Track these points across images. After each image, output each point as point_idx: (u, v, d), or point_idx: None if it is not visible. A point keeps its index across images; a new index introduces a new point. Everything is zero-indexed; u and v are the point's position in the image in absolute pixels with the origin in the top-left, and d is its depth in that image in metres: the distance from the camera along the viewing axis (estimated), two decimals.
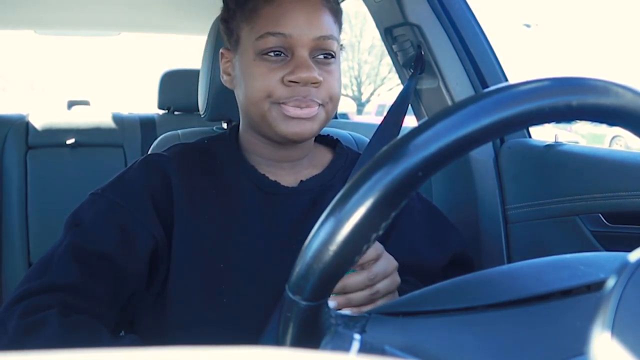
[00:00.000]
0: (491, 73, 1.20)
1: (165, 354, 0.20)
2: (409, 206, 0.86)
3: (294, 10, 0.75)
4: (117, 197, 0.75)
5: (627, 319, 0.30)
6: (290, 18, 0.75)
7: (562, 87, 0.38)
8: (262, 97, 0.76)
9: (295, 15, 0.75)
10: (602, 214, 0.99)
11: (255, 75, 0.76)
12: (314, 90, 0.76)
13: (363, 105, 17.49)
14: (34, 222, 1.84)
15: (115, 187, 0.77)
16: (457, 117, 0.37)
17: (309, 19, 0.75)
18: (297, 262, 0.38)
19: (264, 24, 0.75)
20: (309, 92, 0.75)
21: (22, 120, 1.93)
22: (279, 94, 0.75)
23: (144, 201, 0.75)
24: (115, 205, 0.75)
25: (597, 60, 21.13)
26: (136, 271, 0.73)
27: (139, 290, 0.75)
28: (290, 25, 0.74)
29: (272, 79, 0.75)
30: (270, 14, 0.75)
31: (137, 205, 0.75)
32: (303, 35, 0.75)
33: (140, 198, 0.75)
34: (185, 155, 0.83)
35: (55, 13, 1.85)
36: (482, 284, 0.47)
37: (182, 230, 0.75)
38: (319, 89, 0.76)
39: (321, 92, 0.76)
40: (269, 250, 0.77)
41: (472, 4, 1.21)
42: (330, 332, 0.41)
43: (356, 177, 0.37)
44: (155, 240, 0.74)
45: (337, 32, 0.80)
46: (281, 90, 0.75)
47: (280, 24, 0.75)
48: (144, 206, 0.75)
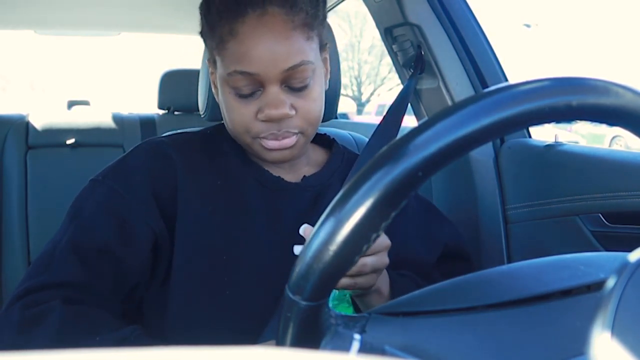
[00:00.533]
0: (491, 73, 1.20)
1: (165, 354, 0.20)
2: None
3: (257, 46, 0.71)
4: (116, 185, 0.75)
5: (627, 319, 0.30)
6: (254, 56, 0.71)
7: (562, 87, 0.38)
8: (242, 131, 0.76)
9: (260, 52, 0.71)
10: (602, 214, 0.99)
11: (233, 109, 0.76)
12: (287, 122, 0.74)
13: (363, 105, 17.49)
14: (34, 222, 1.84)
15: (115, 173, 0.77)
16: (457, 117, 0.37)
17: (273, 54, 0.71)
18: (297, 262, 0.39)
19: (231, 61, 0.73)
20: (282, 126, 0.74)
21: (22, 120, 1.93)
22: (256, 130, 0.75)
23: (144, 190, 0.74)
24: (114, 193, 0.74)
25: (597, 60, 21.13)
26: (137, 263, 0.73)
27: (143, 281, 0.75)
28: (255, 63, 0.71)
29: (247, 116, 0.74)
30: (236, 50, 0.72)
31: (136, 195, 0.74)
32: (270, 72, 0.71)
33: (140, 186, 0.75)
34: (191, 142, 0.82)
35: (55, 13, 1.85)
36: (482, 284, 0.47)
37: (187, 219, 0.75)
38: (294, 119, 0.75)
39: (296, 121, 0.75)
40: (272, 245, 0.76)
41: (472, 4, 1.21)
42: (330, 332, 0.41)
43: (356, 177, 0.37)
44: (154, 232, 0.74)
45: (313, 51, 0.75)
46: (257, 126, 0.74)
47: (245, 62, 0.71)
48: (143, 196, 0.74)
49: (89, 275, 0.69)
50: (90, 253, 0.71)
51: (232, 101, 0.75)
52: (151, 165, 0.77)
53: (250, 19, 0.70)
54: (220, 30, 0.73)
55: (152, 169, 0.77)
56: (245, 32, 0.71)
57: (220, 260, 0.74)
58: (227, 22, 0.72)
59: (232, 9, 0.71)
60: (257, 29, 0.70)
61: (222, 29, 0.72)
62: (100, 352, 0.20)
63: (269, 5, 0.70)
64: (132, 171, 0.76)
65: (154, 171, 0.76)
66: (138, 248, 0.73)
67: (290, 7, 0.71)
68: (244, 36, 0.71)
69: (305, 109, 0.75)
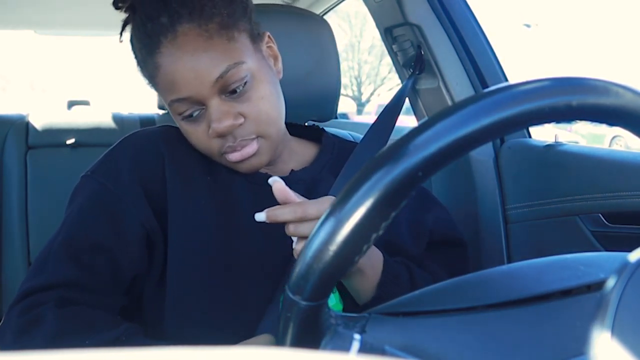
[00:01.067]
0: (491, 73, 1.20)
1: (165, 354, 0.20)
2: None
3: (178, 71, 0.70)
4: (104, 179, 0.75)
5: (627, 319, 0.30)
6: (179, 81, 0.70)
7: (562, 87, 0.38)
8: (205, 151, 0.76)
9: (183, 76, 0.70)
10: (602, 214, 0.99)
11: (188, 133, 0.76)
12: (239, 131, 0.73)
13: (363, 105, 17.48)
14: (34, 222, 1.84)
15: (104, 167, 0.77)
16: (457, 117, 0.37)
17: (196, 72, 0.69)
18: (297, 262, 0.38)
19: (164, 93, 0.73)
20: (237, 136, 0.73)
21: (22, 120, 1.93)
22: (214, 148, 0.74)
23: (132, 183, 0.74)
24: (103, 188, 0.74)
25: (597, 60, 21.13)
26: (130, 256, 0.73)
27: (141, 274, 0.75)
28: (183, 87, 0.70)
29: (201, 136, 0.74)
30: (164, 82, 0.72)
31: (125, 189, 0.74)
32: (200, 90, 0.70)
33: (128, 180, 0.75)
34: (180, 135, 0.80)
35: (55, 13, 1.85)
36: (482, 284, 0.47)
37: (177, 213, 0.75)
38: (246, 125, 0.73)
39: (250, 127, 0.73)
40: (262, 239, 0.76)
41: (472, 4, 1.21)
42: (330, 332, 0.41)
43: (356, 177, 0.37)
44: (144, 226, 0.74)
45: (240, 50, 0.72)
46: (213, 143, 0.74)
47: (175, 89, 0.71)
48: (132, 189, 0.74)
49: (83, 273, 0.70)
50: (83, 250, 0.71)
51: (185, 126, 0.75)
52: (139, 158, 0.77)
53: (165, 47, 0.70)
54: (147, 67, 0.73)
55: (140, 161, 0.76)
56: (165, 61, 0.70)
57: (212, 255, 0.75)
58: (150, 57, 0.71)
59: (148, 44, 0.71)
60: (173, 54, 0.70)
61: (148, 66, 0.73)
62: (100, 352, 0.20)
63: (178, 26, 0.69)
64: (120, 165, 0.76)
65: (142, 164, 0.76)
66: (129, 241, 0.73)
67: (200, 18, 0.70)
68: (165, 66, 0.70)
69: (255, 111, 0.73)
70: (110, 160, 0.77)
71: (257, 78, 0.74)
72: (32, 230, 1.83)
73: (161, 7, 0.70)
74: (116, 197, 0.74)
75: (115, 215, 0.73)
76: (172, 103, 0.73)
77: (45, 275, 0.70)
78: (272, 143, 0.77)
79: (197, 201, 0.76)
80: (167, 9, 0.70)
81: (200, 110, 0.73)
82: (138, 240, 0.74)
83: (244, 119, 0.73)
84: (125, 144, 0.79)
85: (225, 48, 0.71)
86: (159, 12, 0.70)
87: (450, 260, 0.87)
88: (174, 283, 0.74)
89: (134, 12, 0.74)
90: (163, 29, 0.69)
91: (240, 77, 0.71)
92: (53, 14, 1.85)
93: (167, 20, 0.69)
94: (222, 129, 0.71)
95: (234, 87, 0.71)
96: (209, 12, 0.70)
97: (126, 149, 0.78)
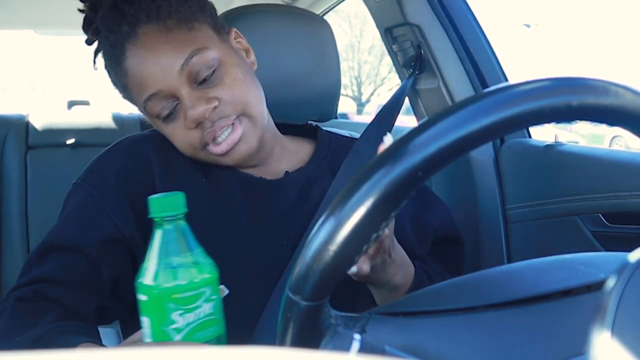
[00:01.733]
0: (491, 73, 1.20)
1: (165, 354, 0.20)
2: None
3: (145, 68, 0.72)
4: (92, 189, 0.77)
5: (627, 319, 0.30)
6: (147, 77, 0.72)
7: (562, 87, 0.38)
8: (190, 150, 0.76)
9: (149, 72, 0.71)
10: (602, 214, 0.99)
11: (170, 135, 0.76)
12: (217, 113, 0.73)
13: (363, 105, 17.48)
14: (34, 222, 1.84)
15: (92, 175, 0.78)
16: (457, 117, 0.37)
17: (160, 65, 0.71)
18: (297, 262, 0.38)
19: (137, 94, 0.74)
20: (214, 118, 0.73)
21: (22, 120, 1.93)
22: (195, 140, 0.74)
23: (117, 194, 0.76)
24: (90, 197, 0.76)
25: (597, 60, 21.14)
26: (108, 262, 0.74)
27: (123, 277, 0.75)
28: (152, 82, 0.72)
29: (180, 133, 0.74)
30: (134, 84, 0.73)
31: (108, 197, 0.75)
32: (168, 82, 0.71)
33: (114, 190, 0.76)
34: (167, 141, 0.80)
35: (55, 13, 1.85)
36: (482, 284, 0.47)
37: None
38: (223, 107, 0.73)
39: (225, 108, 0.73)
40: (257, 244, 0.76)
41: (472, 4, 1.21)
42: (330, 332, 0.41)
43: (356, 176, 0.37)
44: (120, 232, 0.75)
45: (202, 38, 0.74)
46: (194, 135, 0.74)
47: (144, 87, 0.72)
48: (115, 197, 0.75)
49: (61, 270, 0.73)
50: (62, 251, 0.74)
51: (165, 128, 0.76)
52: (127, 167, 0.78)
53: (130, 50, 0.72)
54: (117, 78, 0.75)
55: (128, 170, 0.77)
56: (131, 63, 0.73)
57: None
58: (118, 66, 0.74)
59: (114, 55, 0.74)
60: (137, 54, 0.72)
61: (118, 76, 0.75)
62: (100, 352, 0.20)
63: (138, 29, 0.72)
64: (107, 174, 0.77)
65: (130, 172, 0.77)
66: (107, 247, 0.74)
67: (158, 17, 0.72)
68: (132, 68, 0.73)
69: (228, 94, 0.74)
70: (99, 168, 0.79)
71: (226, 63, 0.75)
72: (32, 230, 1.83)
73: (120, 18, 0.73)
74: (100, 206, 0.75)
75: (97, 222, 0.75)
76: (146, 104, 0.74)
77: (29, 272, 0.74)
78: (257, 125, 0.76)
79: (189, 204, 0.76)
80: (125, 17, 0.72)
81: (175, 106, 0.74)
82: (113, 244, 0.75)
83: (218, 102, 0.73)
84: (115, 152, 0.80)
85: (187, 37, 0.73)
86: (119, 23, 0.73)
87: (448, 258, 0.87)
88: None
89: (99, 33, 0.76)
90: (125, 36, 0.72)
91: (206, 62, 0.72)
92: (53, 14, 1.85)
93: (127, 27, 0.72)
94: (196, 114, 0.71)
95: (202, 75, 0.72)
96: (165, 11, 0.73)
97: (115, 157, 0.79)
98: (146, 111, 0.76)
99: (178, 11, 0.73)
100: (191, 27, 0.73)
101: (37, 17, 1.89)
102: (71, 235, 0.74)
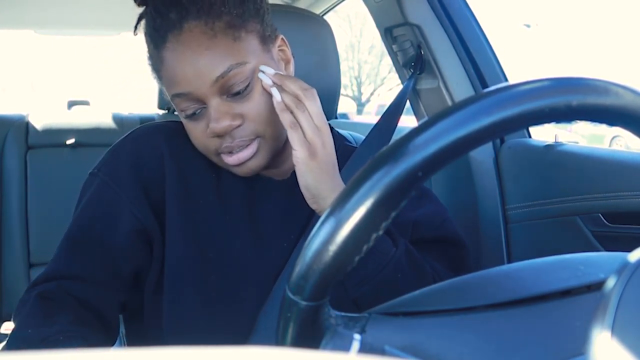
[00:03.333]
0: (491, 73, 1.20)
1: (165, 354, 0.20)
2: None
3: (180, 66, 0.70)
4: (107, 177, 0.77)
5: (627, 319, 0.30)
6: (180, 76, 0.70)
7: (562, 87, 0.38)
8: (203, 150, 0.76)
9: (184, 72, 0.70)
10: (602, 214, 0.99)
11: (188, 130, 0.76)
12: (238, 131, 0.72)
13: (363, 105, 17.48)
14: (34, 222, 1.84)
15: (107, 165, 0.78)
16: (457, 117, 0.37)
17: (196, 69, 0.70)
18: (297, 262, 0.38)
19: (167, 87, 0.73)
20: (235, 136, 0.72)
21: (22, 120, 1.93)
22: (212, 146, 0.74)
23: (132, 181, 0.76)
24: (106, 186, 0.76)
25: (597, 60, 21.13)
26: (127, 252, 0.75)
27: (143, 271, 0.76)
28: (183, 83, 0.70)
29: (200, 134, 0.74)
30: (166, 76, 0.72)
31: (125, 187, 0.76)
32: (199, 88, 0.70)
33: (129, 178, 0.76)
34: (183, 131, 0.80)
35: (55, 13, 1.85)
36: (482, 284, 0.47)
37: (174, 211, 0.76)
38: (246, 126, 0.72)
39: (249, 127, 0.72)
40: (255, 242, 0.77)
41: (472, 4, 1.21)
42: (330, 332, 0.41)
43: (356, 176, 0.37)
44: (141, 222, 0.75)
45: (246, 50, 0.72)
46: (211, 142, 0.73)
47: (175, 84, 0.71)
48: (131, 187, 0.76)
49: (82, 265, 0.73)
50: (83, 245, 0.74)
51: (186, 122, 0.75)
52: (139, 155, 0.78)
53: (171, 42, 0.70)
54: (153, 60, 0.74)
55: (140, 156, 0.77)
56: (169, 56, 0.71)
57: (207, 258, 0.75)
58: (156, 51, 0.72)
59: (156, 38, 0.72)
60: (177, 49, 0.70)
61: (154, 59, 0.74)
62: (100, 353, 0.20)
63: (185, 22, 0.70)
64: (121, 163, 0.77)
65: (142, 159, 0.77)
66: (126, 237, 0.74)
67: (208, 16, 0.70)
68: (168, 60, 0.71)
69: (254, 112, 0.72)
70: (113, 158, 0.79)
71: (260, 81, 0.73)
72: (32, 229, 1.83)
73: (171, 2, 0.71)
74: (116, 195, 0.75)
75: (114, 212, 0.75)
76: (173, 98, 0.73)
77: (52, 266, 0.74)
78: (271, 145, 0.76)
79: (195, 199, 0.77)
80: (176, 5, 0.70)
81: (202, 109, 0.73)
82: (135, 237, 0.75)
83: (243, 120, 0.72)
84: (127, 141, 0.80)
85: (230, 47, 0.70)
86: (168, 8, 0.71)
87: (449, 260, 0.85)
88: (171, 281, 0.75)
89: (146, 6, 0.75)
90: (170, 24, 0.70)
91: (242, 77, 0.71)
92: (53, 14, 1.85)
93: (175, 16, 0.70)
94: (219, 129, 0.71)
95: (236, 88, 0.71)
96: (217, 10, 0.70)
97: (128, 146, 0.79)
98: (173, 102, 0.75)
99: (230, 14, 0.71)
100: (237, 37, 0.71)
101: (37, 16, 1.89)
102: (93, 230, 0.75)
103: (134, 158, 0.77)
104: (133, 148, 0.79)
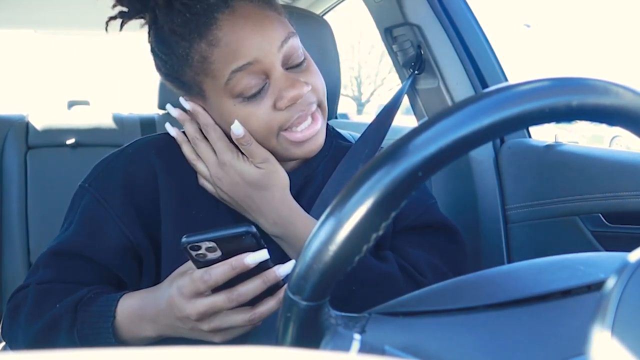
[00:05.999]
0: (491, 73, 1.20)
1: (165, 354, 0.20)
2: None
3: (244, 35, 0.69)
4: (97, 193, 0.77)
5: (627, 319, 0.30)
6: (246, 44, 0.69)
7: (562, 87, 0.38)
8: (265, 134, 0.73)
9: (250, 39, 0.69)
10: (602, 214, 0.99)
11: (246, 119, 0.72)
12: (306, 97, 0.73)
13: (363, 105, 17.48)
14: (34, 222, 1.84)
15: (98, 180, 0.78)
16: (457, 117, 0.37)
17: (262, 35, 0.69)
18: (297, 262, 0.38)
19: (224, 65, 0.69)
20: (305, 103, 0.73)
21: (22, 120, 1.93)
22: (279, 121, 0.72)
23: (123, 199, 0.76)
24: (95, 202, 0.77)
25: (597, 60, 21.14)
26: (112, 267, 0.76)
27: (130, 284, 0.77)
28: (250, 50, 0.69)
29: (264, 114, 0.71)
30: (225, 53, 0.69)
31: (114, 204, 0.76)
32: (268, 53, 0.70)
33: (119, 195, 0.76)
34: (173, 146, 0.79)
35: (55, 12, 1.85)
36: (482, 284, 0.47)
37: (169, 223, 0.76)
38: (309, 94, 0.73)
39: (312, 96, 0.74)
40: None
41: (472, 4, 1.21)
42: (330, 332, 0.41)
43: (356, 176, 0.37)
44: (129, 240, 0.75)
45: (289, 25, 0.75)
46: (279, 117, 0.72)
47: (240, 55, 0.69)
48: (121, 205, 0.76)
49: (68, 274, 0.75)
50: (68, 257, 0.75)
51: (242, 111, 0.72)
52: (131, 172, 0.78)
53: (224, 20, 0.69)
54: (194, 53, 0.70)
55: (132, 174, 0.78)
56: (226, 32, 0.69)
57: None
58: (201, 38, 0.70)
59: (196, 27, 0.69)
60: (236, 23, 0.70)
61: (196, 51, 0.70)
62: (100, 352, 0.20)
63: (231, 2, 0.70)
64: (113, 179, 0.78)
65: (134, 178, 0.77)
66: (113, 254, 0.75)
67: None
68: (227, 36, 0.69)
69: (314, 81, 0.75)
70: (105, 173, 0.79)
71: (307, 56, 0.76)
72: (32, 230, 1.83)
73: None
74: (105, 211, 0.76)
75: (103, 228, 0.75)
76: (232, 76, 0.70)
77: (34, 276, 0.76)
78: (325, 120, 0.78)
79: (192, 213, 0.77)
80: None
81: (263, 87, 0.71)
82: (123, 253, 0.76)
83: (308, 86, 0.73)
84: (120, 157, 0.80)
85: (280, 20, 0.73)
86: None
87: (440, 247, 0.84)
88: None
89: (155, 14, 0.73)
90: (215, 7, 0.70)
91: (297, 47, 0.73)
92: (53, 13, 1.85)
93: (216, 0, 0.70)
94: (298, 93, 0.71)
95: (295, 58, 0.73)
96: None
97: (120, 163, 0.79)
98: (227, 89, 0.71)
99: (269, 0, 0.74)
100: (280, 12, 0.75)
101: (37, 16, 1.89)
102: (80, 244, 0.75)
103: (127, 177, 0.77)
104: (126, 166, 0.79)
